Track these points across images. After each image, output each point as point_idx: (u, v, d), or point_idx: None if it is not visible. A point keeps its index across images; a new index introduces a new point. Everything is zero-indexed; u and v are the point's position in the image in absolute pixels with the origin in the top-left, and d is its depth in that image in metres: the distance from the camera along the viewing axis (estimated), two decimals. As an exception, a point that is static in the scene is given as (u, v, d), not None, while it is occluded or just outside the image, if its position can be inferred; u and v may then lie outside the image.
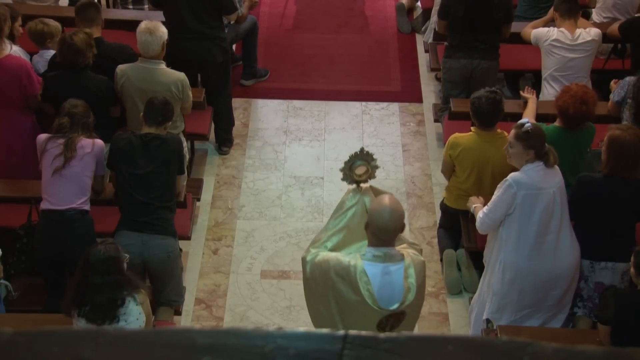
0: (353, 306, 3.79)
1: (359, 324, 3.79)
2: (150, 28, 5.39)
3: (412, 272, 3.79)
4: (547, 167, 4.62)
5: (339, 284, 3.78)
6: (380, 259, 3.77)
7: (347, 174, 4.16)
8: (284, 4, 8.43)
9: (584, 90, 5.19)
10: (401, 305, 3.78)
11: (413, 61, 7.78)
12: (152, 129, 4.98)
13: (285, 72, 7.62)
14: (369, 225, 3.80)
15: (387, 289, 3.77)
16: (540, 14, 6.73)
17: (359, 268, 3.74)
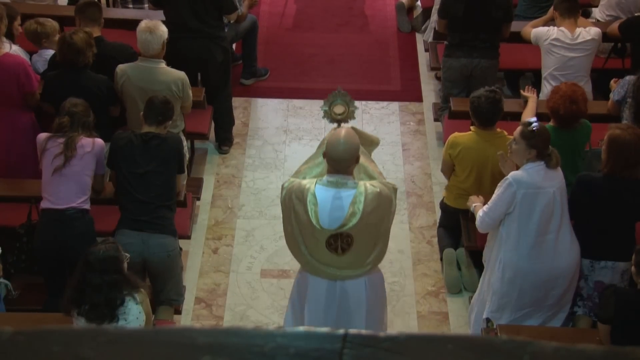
0: (305, 225, 4.21)
1: (312, 242, 4.24)
2: (150, 27, 5.39)
3: (361, 199, 4.15)
4: (549, 168, 4.62)
5: (297, 205, 4.22)
6: (332, 184, 4.17)
7: (327, 112, 4.64)
8: (284, 3, 8.43)
9: (573, 89, 5.19)
10: (342, 227, 4.14)
11: (413, 60, 7.78)
12: (152, 128, 4.98)
13: (285, 71, 7.62)
14: (325, 154, 4.23)
15: (337, 211, 4.16)
16: (540, 13, 6.73)
17: (310, 190, 4.17)
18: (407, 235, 6.05)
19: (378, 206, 4.21)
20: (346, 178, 4.19)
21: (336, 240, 4.19)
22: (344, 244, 4.20)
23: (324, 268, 4.32)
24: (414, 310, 5.50)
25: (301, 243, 4.30)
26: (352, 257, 4.28)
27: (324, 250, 4.22)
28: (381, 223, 4.30)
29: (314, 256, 4.31)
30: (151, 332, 1.35)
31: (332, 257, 4.26)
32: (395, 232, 5.98)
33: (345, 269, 4.32)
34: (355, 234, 4.18)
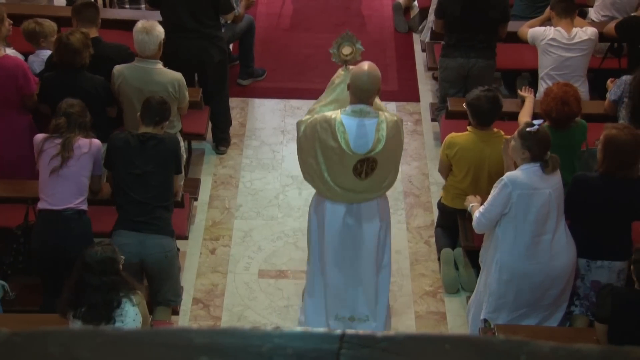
0: (333, 151, 4.59)
1: (338, 169, 4.63)
2: (146, 27, 5.39)
3: (383, 126, 4.59)
4: (544, 172, 4.61)
5: (322, 133, 4.59)
6: (357, 113, 4.57)
7: (336, 54, 5.01)
8: (281, 3, 8.43)
9: (564, 90, 5.19)
10: (371, 152, 4.59)
11: (410, 60, 7.78)
12: (149, 128, 4.97)
13: (283, 71, 7.61)
14: (350, 85, 4.61)
15: (362, 138, 4.57)
16: (537, 13, 6.73)
17: (338, 120, 4.57)
18: (405, 236, 6.05)
19: (396, 133, 4.71)
20: (368, 108, 4.58)
21: (362, 165, 4.62)
22: (369, 169, 4.65)
23: (344, 193, 4.74)
24: (411, 310, 5.50)
25: (324, 170, 4.67)
26: (372, 181, 4.72)
27: (350, 175, 4.65)
28: (397, 149, 4.81)
29: (337, 183, 4.71)
30: (149, 333, 1.35)
31: (354, 181, 4.69)
32: (392, 233, 5.99)
33: (364, 192, 4.76)
34: (379, 159, 4.63)
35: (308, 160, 4.75)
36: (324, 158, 4.65)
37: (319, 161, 4.68)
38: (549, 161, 4.61)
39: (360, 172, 4.65)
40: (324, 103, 4.93)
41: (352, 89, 4.60)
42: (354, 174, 4.64)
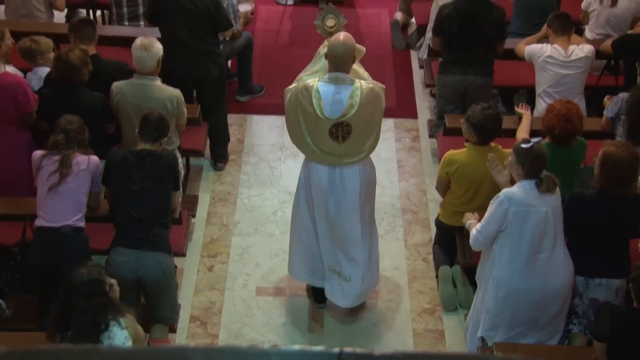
0: (310, 117, 4.92)
1: (317, 133, 4.95)
2: (145, 44, 5.40)
3: (357, 93, 4.88)
4: (539, 191, 4.61)
5: (302, 100, 4.93)
6: (333, 80, 4.90)
7: (320, 26, 5.40)
8: (279, 20, 8.46)
9: (567, 107, 5.20)
10: (343, 116, 4.87)
11: (408, 77, 7.80)
12: (147, 145, 4.98)
13: (281, 88, 7.54)
14: (327, 54, 4.96)
15: (337, 104, 4.88)
16: (534, 30, 6.76)
17: (314, 87, 4.90)
18: (403, 252, 6.04)
19: (372, 100, 4.96)
20: (344, 75, 4.91)
21: (337, 129, 4.91)
22: (344, 133, 4.93)
23: (326, 157, 5.03)
24: (409, 328, 5.48)
25: (307, 135, 4.99)
26: (351, 145, 4.98)
27: (327, 139, 4.93)
28: (374, 115, 5.03)
29: (318, 146, 4.99)
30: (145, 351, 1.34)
31: (334, 145, 4.95)
32: (390, 249, 5.99)
33: (345, 156, 5.02)
34: (353, 124, 4.91)
35: (293, 125, 5.09)
36: (305, 123, 4.98)
37: (302, 127, 5.00)
38: (544, 180, 4.60)
39: (337, 136, 4.93)
40: (310, 72, 5.22)
41: (329, 57, 4.94)
42: (331, 138, 4.94)
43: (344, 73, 4.92)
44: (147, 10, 6.47)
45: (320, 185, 5.11)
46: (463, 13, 6.27)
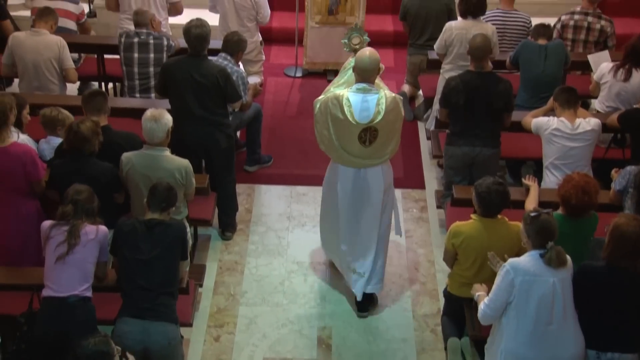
0: (341, 123, 5.57)
1: (346, 138, 5.62)
2: (155, 116, 5.48)
3: (383, 101, 5.54)
4: (544, 262, 4.61)
5: (333, 108, 5.58)
6: (360, 90, 5.56)
7: (346, 44, 6.17)
8: (288, 92, 8.57)
9: (586, 179, 5.23)
10: (372, 121, 5.53)
11: (415, 148, 7.86)
12: (155, 214, 5.00)
13: (289, 158, 7.68)
14: (355, 67, 5.63)
15: (365, 111, 5.54)
16: (540, 103, 6.82)
17: (345, 96, 5.56)
18: (411, 324, 5.99)
19: (394, 107, 5.62)
20: (370, 85, 5.58)
21: (366, 134, 5.57)
22: (371, 137, 5.59)
23: (352, 159, 5.70)
24: (418, 402, 5.40)
25: (335, 140, 5.66)
26: (375, 148, 5.66)
27: (356, 142, 5.60)
28: (396, 121, 5.70)
29: (345, 149, 5.68)
30: None
31: (360, 148, 5.64)
32: (398, 320, 5.95)
33: (369, 158, 5.70)
34: (380, 128, 5.57)
35: (323, 131, 5.73)
36: (334, 129, 5.62)
37: (331, 132, 5.65)
38: (550, 251, 4.60)
39: (365, 140, 5.61)
40: (337, 85, 5.89)
41: (356, 69, 5.61)
42: (359, 142, 5.60)
43: (370, 83, 5.58)
44: (157, 83, 6.57)
45: (347, 185, 5.79)
46: (469, 85, 6.35)
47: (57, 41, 6.93)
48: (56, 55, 6.91)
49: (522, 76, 7.14)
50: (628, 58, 6.69)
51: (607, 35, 7.60)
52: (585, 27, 7.59)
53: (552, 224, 4.70)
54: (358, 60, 5.59)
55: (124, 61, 7.14)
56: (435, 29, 7.66)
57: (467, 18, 7.21)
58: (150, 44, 7.10)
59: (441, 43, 7.30)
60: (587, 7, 7.60)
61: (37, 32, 6.93)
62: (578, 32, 7.62)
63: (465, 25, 7.19)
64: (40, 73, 6.91)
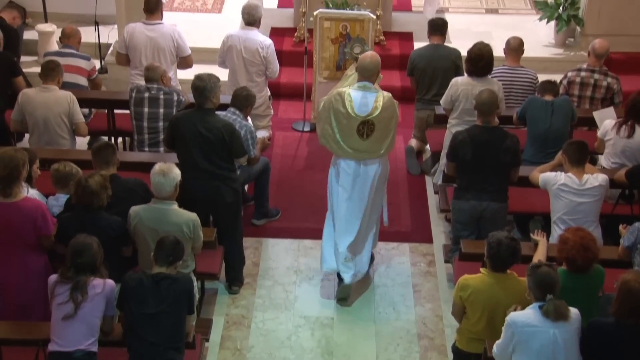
0: (342, 115, 6.21)
1: (346, 130, 6.24)
2: (163, 170, 5.52)
3: (380, 99, 6.22)
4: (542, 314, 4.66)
5: (335, 103, 6.24)
6: (361, 88, 6.23)
7: (349, 52, 7.23)
8: (296, 146, 8.62)
9: (581, 235, 5.22)
10: (369, 115, 6.18)
11: (423, 202, 7.86)
12: (162, 268, 5.01)
13: (297, 211, 7.69)
14: (357, 67, 6.34)
15: (364, 106, 6.20)
16: (547, 158, 6.83)
17: (347, 92, 6.23)
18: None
19: (390, 106, 6.27)
20: (370, 84, 6.24)
21: (364, 127, 6.20)
22: (369, 130, 6.21)
23: (352, 152, 6.30)
24: None
25: (337, 133, 6.26)
26: (372, 142, 6.29)
27: (355, 135, 6.21)
28: (392, 119, 6.32)
29: (346, 142, 6.27)
30: None
31: (358, 141, 6.25)
32: (407, 377, 5.88)
33: (366, 152, 6.31)
34: (376, 122, 6.21)
35: (325, 127, 6.31)
36: (336, 122, 6.23)
37: (333, 126, 6.25)
38: (548, 304, 4.64)
39: (362, 133, 6.22)
40: (339, 87, 6.50)
41: (358, 69, 6.31)
42: (357, 135, 6.21)
43: (370, 83, 6.23)
44: (165, 136, 6.63)
45: (347, 177, 6.38)
46: (477, 140, 6.38)
47: (67, 96, 7.02)
48: (66, 110, 6.99)
49: (529, 131, 7.17)
50: (630, 114, 6.72)
51: (614, 92, 7.65)
52: (591, 83, 7.65)
53: (552, 276, 4.73)
54: (360, 60, 6.30)
55: (134, 115, 7.22)
56: (443, 85, 7.73)
57: (473, 77, 7.28)
58: (161, 99, 7.18)
59: (447, 98, 7.36)
60: (593, 64, 7.67)
61: (47, 89, 7.01)
62: (584, 88, 7.68)
63: (471, 81, 7.26)
64: (50, 128, 6.98)
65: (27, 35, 9.31)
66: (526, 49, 8.01)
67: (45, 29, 9.31)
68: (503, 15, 10.54)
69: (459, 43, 8.89)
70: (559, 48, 9.70)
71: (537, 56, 9.39)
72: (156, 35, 7.83)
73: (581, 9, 9.53)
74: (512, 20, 10.35)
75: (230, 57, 8.05)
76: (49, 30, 9.30)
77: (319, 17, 8.25)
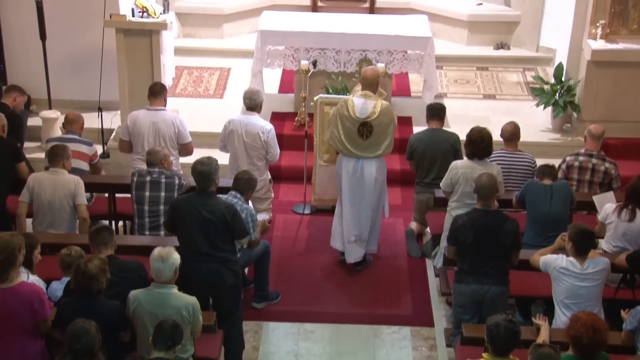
0: (346, 118, 7.44)
1: (349, 132, 7.45)
2: (162, 255, 5.52)
3: (378, 105, 7.41)
4: None
5: (341, 109, 7.49)
6: (363, 96, 7.46)
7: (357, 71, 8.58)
8: (296, 228, 8.63)
9: (594, 318, 5.19)
10: (368, 118, 7.38)
11: (424, 285, 7.82)
12: (161, 353, 4.96)
13: (297, 294, 7.65)
14: (360, 78, 7.62)
15: (364, 111, 7.41)
16: (547, 242, 6.84)
17: (351, 99, 7.49)
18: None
19: (387, 112, 7.46)
20: (370, 93, 7.46)
21: (363, 128, 7.40)
22: (367, 132, 7.41)
23: (354, 150, 7.50)
24: None
25: (342, 134, 7.47)
26: (371, 142, 7.46)
27: (356, 135, 7.42)
28: (389, 125, 7.47)
29: (349, 142, 7.46)
30: None
31: (359, 141, 7.44)
32: None
33: (365, 151, 7.49)
34: (374, 125, 7.39)
35: (333, 129, 7.54)
36: (341, 125, 7.46)
37: (339, 128, 7.47)
38: None
39: (363, 134, 7.41)
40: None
41: (361, 79, 7.57)
42: (358, 135, 7.40)
43: (370, 92, 7.44)
44: (166, 219, 6.64)
45: (347, 172, 7.56)
46: (477, 223, 6.39)
47: (74, 179, 7.11)
48: (71, 192, 7.05)
49: (528, 215, 7.19)
50: (630, 198, 6.76)
51: (612, 177, 7.72)
52: (590, 168, 7.73)
53: (552, 357, 4.68)
54: (363, 73, 7.57)
55: (135, 199, 7.26)
56: (442, 168, 7.80)
57: (474, 159, 7.35)
58: (162, 183, 7.24)
59: (447, 181, 7.42)
60: (591, 148, 7.76)
61: (55, 172, 7.12)
62: (583, 172, 7.75)
63: (471, 165, 7.32)
64: (55, 209, 7.02)
65: (31, 122, 9.43)
66: (524, 133, 8.13)
67: (49, 115, 9.47)
68: (500, 100, 10.70)
69: (457, 128, 9.02)
70: (556, 133, 9.81)
71: (535, 141, 9.50)
72: (158, 121, 7.94)
73: (577, 95, 9.68)
74: (510, 105, 10.49)
75: (232, 141, 8.15)
76: (52, 116, 9.46)
77: (319, 102, 8.39)
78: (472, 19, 11.84)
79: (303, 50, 9.73)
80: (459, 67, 11.10)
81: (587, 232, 6.17)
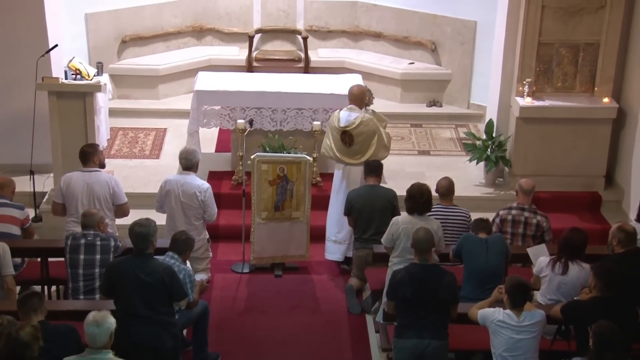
0: (334, 128, 8.54)
1: (336, 140, 8.53)
2: (97, 320, 5.40)
3: (360, 118, 8.41)
4: None
5: (331, 121, 8.65)
6: (349, 109, 8.51)
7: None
8: (236, 287, 8.56)
9: None
10: (347, 127, 8.42)
11: (364, 341, 7.80)
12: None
13: (237, 355, 7.54)
14: (348, 94, 8.67)
15: (347, 121, 8.43)
16: (485, 294, 6.90)
17: (339, 112, 8.57)
18: None
19: (367, 124, 8.46)
20: (356, 107, 8.53)
21: (345, 136, 8.44)
22: (349, 140, 8.44)
23: (340, 156, 8.57)
24: None
25: (332, 143, 8.58)
26: (354, 150, 8.50)
27: (340, 143, 8.51)
28: (371, 137, 8.49)
29: (337, 149, 8.55)
30: None
31: (344, 148, 8.52)
32: None
33: (352, 157, 8.54)
34: (355, 135, 8.42)
35: (326, 140, 8.66)
36: (331, 135, 8.55)
37: (330, 138, 8.58)
38: None
39: (345, 141, 8.46)
40: None
41: (348, 95, 8.62)
42: (342, 142, 8.48)
43: (356, 106, 8.50)
44: (102, 283, 6.52)
45: (338, 176, 8.65)
46: (415, 278, 6.41)
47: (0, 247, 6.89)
48: None
49: (465, 269, 7.27)
50: (563, 252, 6.89)
51: (544, 229, 7.91)
52: (522, 221, 7.90)
53: None
54: (350, 89, 8.65)
55: (69, 263, 7.10)
56: (381, 224, 7.86)
57: (414, 215, 7.43)
58: (97, 245, 7.11)
59: (388, 237, 7.45)
60: (522, 202, 7.94)
61: None
62: (516, 226, 7.91)
63: (412, 220, 7.38)
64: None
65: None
66: (458, 188, 8.28)
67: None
68: (435, 156, 10.90)
69: (394, 183, 9.15)
70: (489, 187, 10.01)
71: (469, 195, 9.66)
72: (92, 182, 7.84)
73: (508, 150, 9.93)
74: (444, 160, 10.69)
75: (169, 201, 8.09)
76: (-18, 181, 9.24)
77: (256, 161, 8.41)
78: (405, 77, 12.09)
79: (239, 109, 9.80)
80: (394, 124, 11.29)
81: (523, 284, 6.26)
